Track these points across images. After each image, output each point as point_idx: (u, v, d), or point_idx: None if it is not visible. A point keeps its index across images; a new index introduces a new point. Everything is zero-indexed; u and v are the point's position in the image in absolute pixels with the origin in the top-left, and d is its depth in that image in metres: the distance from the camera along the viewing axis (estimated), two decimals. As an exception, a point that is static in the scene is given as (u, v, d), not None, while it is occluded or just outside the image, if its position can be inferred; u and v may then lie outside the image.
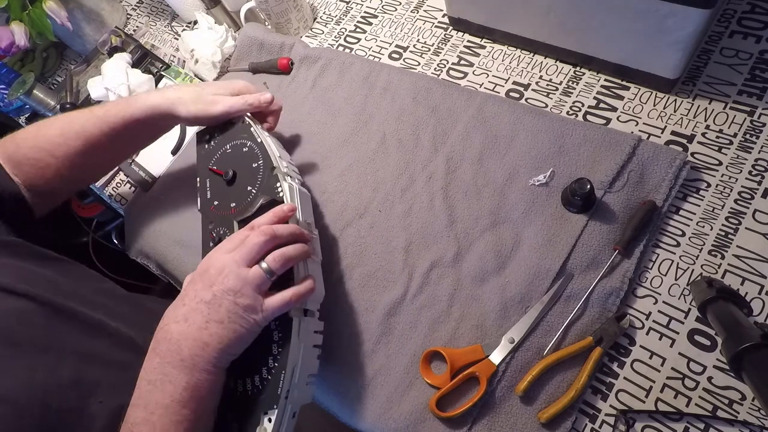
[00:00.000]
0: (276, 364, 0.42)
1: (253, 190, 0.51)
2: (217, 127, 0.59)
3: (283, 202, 0.48)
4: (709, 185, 0.51)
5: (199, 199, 0.56)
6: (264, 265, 0.42)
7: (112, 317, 0.48)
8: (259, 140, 0.54)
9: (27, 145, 0.57)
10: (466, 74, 0.67)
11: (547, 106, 0.61)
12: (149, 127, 0.59)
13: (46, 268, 0.50)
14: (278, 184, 0.50)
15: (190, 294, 0.41)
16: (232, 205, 0.52)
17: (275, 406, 0.40)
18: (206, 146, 0.59)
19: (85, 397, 0.43)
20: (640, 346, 0.47)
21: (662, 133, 0.55)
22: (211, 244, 0.51)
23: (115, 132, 0.57)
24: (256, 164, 0.52)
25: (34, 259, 0.50)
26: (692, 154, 0.53)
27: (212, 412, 0.42)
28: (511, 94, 0.63)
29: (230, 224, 0.50)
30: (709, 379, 0.45)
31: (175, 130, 0.56)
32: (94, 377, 0.44)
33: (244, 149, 0.55)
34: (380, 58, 0.72)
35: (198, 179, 0.57)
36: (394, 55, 0.72)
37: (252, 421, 0.41)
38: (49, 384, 0.41)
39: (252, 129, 0.56)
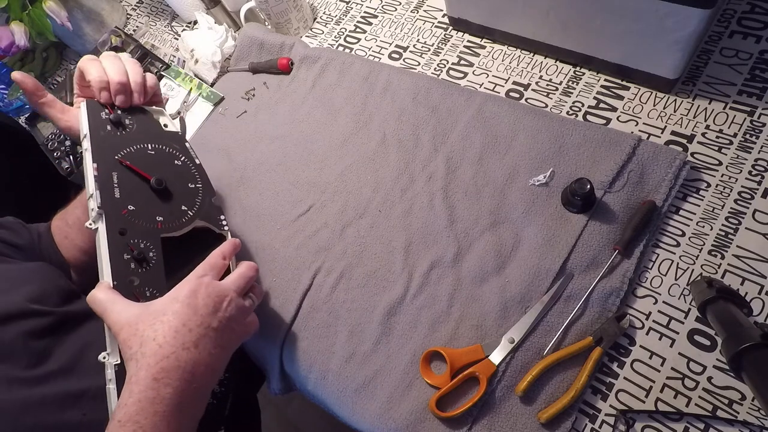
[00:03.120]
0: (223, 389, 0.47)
1: (189, 212, 0.48)
2: (128, 112, 0.50)
3: (221, 233, 0.50)
4: (709, 185, 0.51)
5: (98, 192, 0.44)
6: (254, 299, 0.47)
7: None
8: (197, 162, 0.51)
9: (59, 216, 0.60)
10: (466, 74, 0.67)
11: (547, 106, 0.61)
12: None
13: None
14: (223, 218, 0.50)
15: (193, 320, 0.40)
16: (159, 219, 0.46)
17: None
18: (111, 129, 0.48)
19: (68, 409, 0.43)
20: (640, 346, 0.47)
21: (662, 133, 0.55)
22: (127, 255, 0.43)
23: None
24: (193, 185, 0.50)
25: None
26: (692, 154, 0.53)
27: None
28: (511, 94, 0.63)
29: (155, 240, 0.45)
30: (709, 379, 0.45)
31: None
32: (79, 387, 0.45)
33: (176, 162, 0.50)
34: (380, 58, 0.72)
35: (94, 165, 0.45)
36: (394, 55, 0.72)
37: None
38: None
39: (187, 145, 0.52)
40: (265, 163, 0.68)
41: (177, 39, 0.90)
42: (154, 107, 0.54)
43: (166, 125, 0.52)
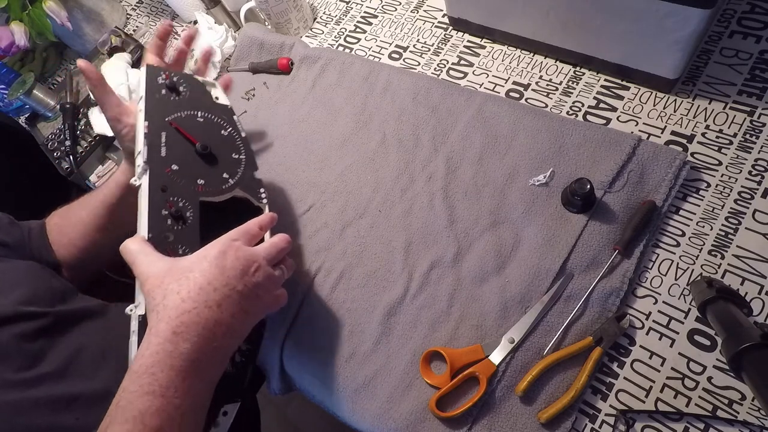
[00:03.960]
0: (243, 359, 0.45)
1: (230, 180, 0.50)
2: (184, 79, 0.52)
3: (259, 206, 0.51)
4: (709, 185, 0.51)
5: (146, 149, 0.46)
6: (284, 270, 0.45)
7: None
8: (243, 135, 0.53)
9: (58, 213, 0.61)
10: (466, 74, 0.67)
11: (547, 106, 0.61)
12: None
13: None
14: (262, 191, 0.51)
15: (219, 279, 0.39)
16: (200, 182, 0.48)
17: (237, 400, 0.45)
18: (166, 93, 0.50)
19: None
20: (640, 346, 0.47)
21: (662, 133, 0.55)
22: (165, 212, 0.45)
23: (113, 197, 0.58)
24: (236, 155, 0.51)
25: None
26: (692, 154, 0.53)
27: None
28: (511, 94, 0.63)
29: (194, 201, 0.47)
30: (709, 379, 0.45)
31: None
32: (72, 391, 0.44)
33: (223, 132, 0.52)
34: (380, 58, 0.72)
35: (145, 123, 0.47)
36: (394, 55, 0.72)
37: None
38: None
39: (236, 118, 0.53)
40: (265, 163, 0.68)
41: (177, 39, 0.90)
42: (207, 79, 0.55)
43: (217, 98, 0.54)
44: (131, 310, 0.41)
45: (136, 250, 0.40)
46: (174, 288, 0.38)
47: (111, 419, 0.34)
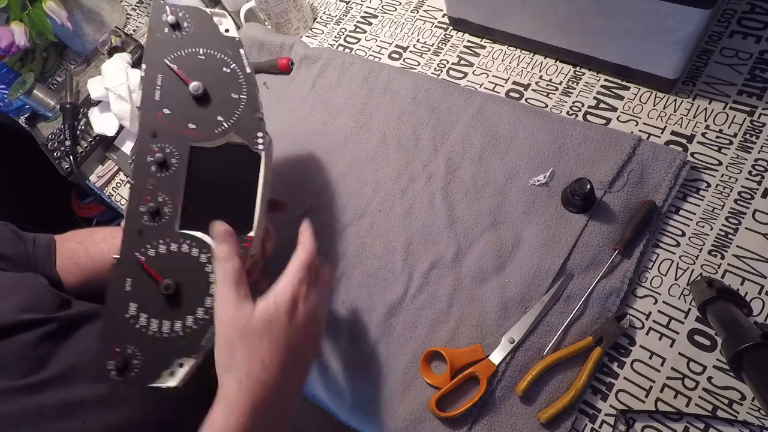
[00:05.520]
0: (207, 317, 0.42)
1: (225, 123, 0.45)
2: (190, 13, 0.48)
3: (258, 153, 0.46)
4: (709, 185, 0.51)
5: (141, 92, 0.45)
6: (321, 287, 0.43)
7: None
8: (248, 70, 0.47)
9: (76, 238, 0.59)
10: (466, 74, 0.67)
11: (547, 106, 0.61)
12: None
13: None
14: (260, 134, 0.46)
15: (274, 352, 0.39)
16: (191, 126, 0.45)
17: (193, 356, 0.41)
18: (168, 32, 0.47)
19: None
20: (640, 346, 0.47)
21: (662, 133, 0.55)
22: (150, 158, 0.43)
23: None
24: (236, 95, 0.46)
25: None
26: (692, 154, 0.53)
27: None
28: (511, 94, 0.63)
29: (183, 146, 0.44)
30: (709, 379, 0.45)
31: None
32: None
33: (225, 69, 0.47)
34: (380, 58, 0.72)
35: (144, 66, 0.46)
36: (394, 55, 0.72)
37: (159, 362, 0.41)
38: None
39: (242, 52, 0.48)
40: (265, 163, 0.68)
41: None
42: (216, 9, 0.50)
43: (227, 30, 0.49)
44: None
45: (226, 273, 0.39)
46: (255, 353, 0.37)
47: None
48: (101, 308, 0.53)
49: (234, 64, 0.47)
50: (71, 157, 0.79)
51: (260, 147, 0.45)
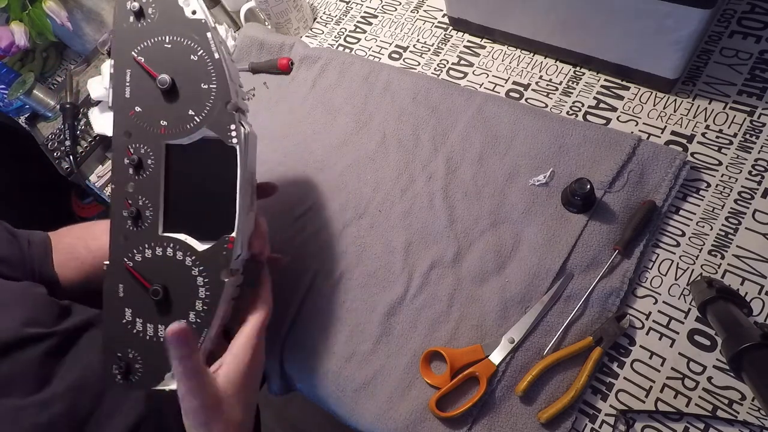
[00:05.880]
0: (199, 321, 0.41)
1: (196, 118, 0.42)
2: (155, 3, 0.44)
3: (234, 147, 0.42)
4: (709, 185, 0.51)
5: (111, 92, 0.42)
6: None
7: None
8: (216, 56, 0.42)
9: (73, 234, 0.58)
10: (466, 74, 0.67)
11: (547, 106, 0.61)
12: None
13: None
14: (232, 127, 0.42)
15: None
16: (163, 123, 0.42)
17: None
18: (134, 21, 0.43)
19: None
20: (640, 346, 0.47)
21: (662, 133, 0.55)
22: (126, 160, 0.41)
23: None
24: (205, 85, 0.42)
25: None
26: (692, 154, 0.53)
27: None
28: (511, 94, 0.63)
29: (157, 145, 0.42)
30: (709, 379, 0.45)
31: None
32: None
33: (192, 56, 0.42)
34: (380, 58, 0.72)
35: (112, 61, 0.43)
36: (394, 55, 0.72)
37: (159, 365, 0.41)
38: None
39: (209, 36, 0.43)
40: (265, 163, 0.67)
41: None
42: None
43: (194, 12, 0.44)
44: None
45: (185, 382, 0.38)
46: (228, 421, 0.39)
47: None
48: (100, 313, 0.52)
49: (201, 50, 0.43)
50: (71, 157, 0.79)
51: (234, 141, 0.42)
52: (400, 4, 0.76)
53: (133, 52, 0.42)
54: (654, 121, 0.56)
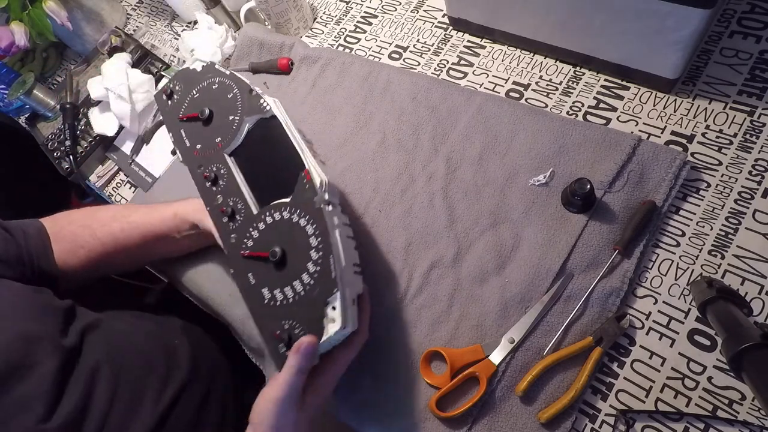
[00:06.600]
0: (321, 253, 0.42)
1: (236, 118, 0.51)
2: (176, 80, 0.57)
3: (271, 115, 0.50)
4: (709, 185, 0.51)
5: (178, 152, 0.54)
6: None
7: None
8: (228, 72, 0.53)
9: (75, 220, 0.56)
10: (466, 74, 0.67)
11: (547, 106, 0.61)
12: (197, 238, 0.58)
13: None
14: (262, 101, 0.50)
15: None
16: (218, 140, 0.51)
17: (335, 290, 0.40)
18: (169, 102, 0.56)
19: None
20: (640, 346, 0.47)
21: (662, 133, 0.55)
22: (208, 184, 0.50)
23: (159, 232, 0.56)
24: (231, 94, 0.52)
25: None
26: (692, 154, 0.53)
27: None
28: (511, 94, 0.63)
29: (221, 159, 0.50)
30: (709, 379, 0.45)
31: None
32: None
33: (214, 87, 0.54)
34: (380, 58, 0.72)
35: (171, 136, 0.55)
36: (394, 55, 0.72)
37: (314, 318, 0.41)
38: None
39: (217, 67, 0.54)
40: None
41: (177, 39, 0.90)
42: (191, 63, 0.57)
43: (204, 64, 0.56)
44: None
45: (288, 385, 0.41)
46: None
47: None
48: (101, 316, 0.52)
49: (218, 78, 0.54)
50: (71, 157, 0.79)
51: (267, 107, 0.49)
52: (400, 4, 0.76)
53: (179, 116, 0.55)
54: (654, 121, 0.56)
